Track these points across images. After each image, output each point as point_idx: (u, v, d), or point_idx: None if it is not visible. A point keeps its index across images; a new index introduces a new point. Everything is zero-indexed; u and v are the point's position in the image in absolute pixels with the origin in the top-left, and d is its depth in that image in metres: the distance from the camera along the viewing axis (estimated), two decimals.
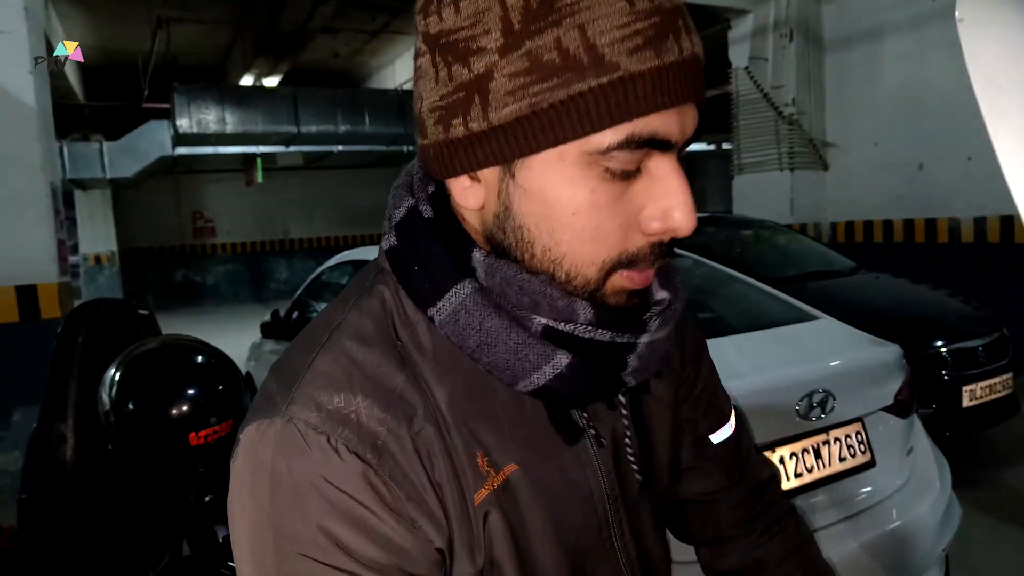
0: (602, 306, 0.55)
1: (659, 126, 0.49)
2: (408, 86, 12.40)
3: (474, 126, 0.51)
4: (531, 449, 0.58)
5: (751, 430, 0.88)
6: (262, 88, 11.28)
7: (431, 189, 0.60)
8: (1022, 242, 5.32)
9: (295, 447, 0.51)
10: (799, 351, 2.23)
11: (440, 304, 0.55)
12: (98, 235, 13.05)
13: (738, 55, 6.97)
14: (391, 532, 0.52)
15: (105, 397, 1.39)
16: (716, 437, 0.80)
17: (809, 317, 2.43)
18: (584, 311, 0.54)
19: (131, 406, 1.35)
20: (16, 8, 4.05)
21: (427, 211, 0.58)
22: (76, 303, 2.34)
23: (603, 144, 0.49)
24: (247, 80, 11.66)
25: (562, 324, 0.54)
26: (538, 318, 0.54)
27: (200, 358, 1.46)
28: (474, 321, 0.54)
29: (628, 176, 0.51)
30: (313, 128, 10.54)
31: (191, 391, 1.38)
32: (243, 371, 1.45)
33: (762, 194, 6.74)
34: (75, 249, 12.88)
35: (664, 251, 0.55)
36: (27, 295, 4.05)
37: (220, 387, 1.42)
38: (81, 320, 1.71)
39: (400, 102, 11.15)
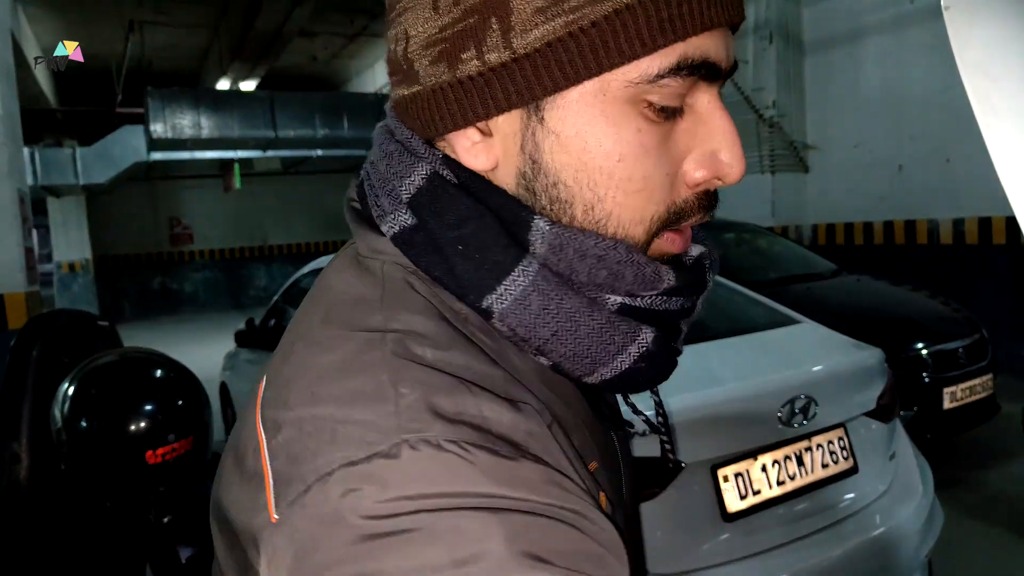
0: (679, 269, 0.47)
1: (711, 48, 0.42)
2: (388, 90, 12.34)
3: (492, 57, 0.41)
4: (597, 443, 0.50)
5: None
6: (238, 92, 11.18)
7: (439, 151, 0.47)
8: (1000, 244, 5.36)
9: (449, 472, 0.36)
10: (781, 356, 2.20)
11: (502, 289, 0.43)
12: (72, 242, 12.86)
13: None
14: (599, 530, 0.38)
15: (57, 413, 1.32)
16: None
17: (790, 321, 2.41)
18: (668, 276, 0.46)
19: (84, 423, 1.29)
20: None
21: (449, 175, 0.46)
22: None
23: (652, 70, 0.40)
24: (224, 84, 11.55)
25: (642, 296, 0.46)
26: (612, 296, 0.45)
27: (159, 372, 1.40)
28: (551, 304, 0.44)
29: (671, 115, 0.43)
30: (291, 132, 10.45)
31: (148, 407, 1.31)
32: (218, 381, 1.38)
33: (743, 197, 6.74)
34: (48, 257, 12.70)
35: (712, 202, 0.47)
36: None
37: (180, 402, 1.36)
38: (36, 333, 1.64)
39: (379, 105, 11.09)
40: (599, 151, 0.42)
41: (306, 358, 0.44)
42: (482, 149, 0.45)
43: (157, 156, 10.71)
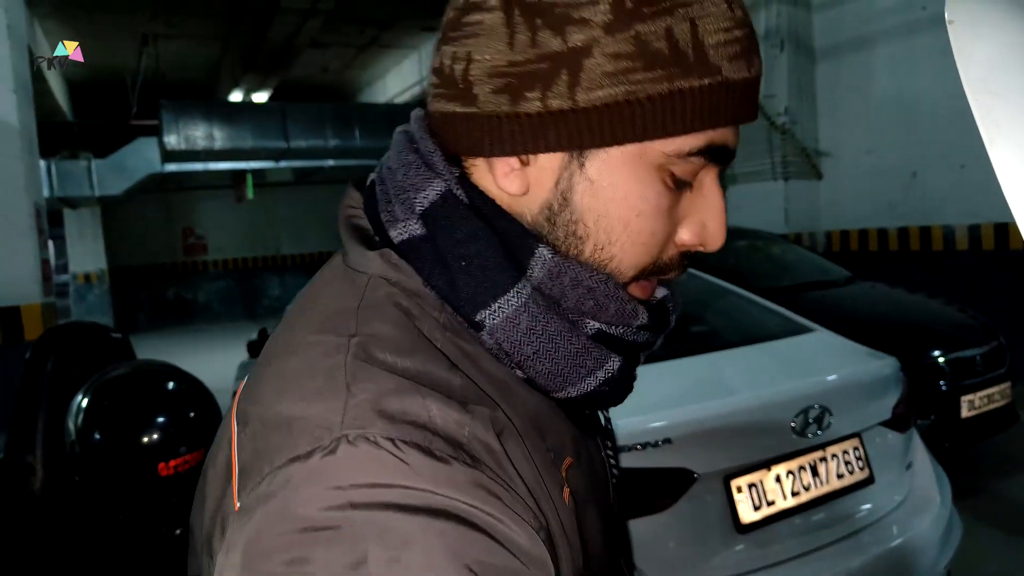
0: (649, 309, 0.53)
1: (730, 138, 0.49)
2: (400, 99, 12.42)
3: (554, 103, 0.45)
4: (572, 443, 0.54)
5: None
6: (250, 103, 11.27)
7: (456, 170, 0.51)
8: (1017, 249, 5.30)
9: (381, 466, 0.39)
10: (794, 366, 2.19)
11: (496, 306, 0.48)
12: (87, 253, 12.97)
13: None
14: (524, 541, 0.41)
15: (71, 426, 1.33)
16: None
17: (804, 330, 2.39)
18: (643, 315, 0.52)
19: (97, 435, 1.29)
20: None
21: (462, 195, 0.50)
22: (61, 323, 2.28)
23: (685, 148, 0.47)
24: (236, 96, 11.65)
25: (615, 328, 0.51)
26: (592, 322, 0.50)
27: (171, 384, 1.40)
28: (537, 326, 0.48)
29: (682, 186, 0.49)
30: (303, 143, 10.51)
31: (160, 419, 1.32)
32: (231, 391, 1.39)
33: (756, 204, 6.71)
34: (64, 268, 12.82)
35: (686, 263, 0.53)
36: (10, 317, 3.99)
37: (192, 414, 1.36)
38: (50, 345, 1.65)
39: (391, 116, 11.14)
40: (624, 204, 0.48)
41: (281, 360, 0.48)
42: (518, 176, 0.49)
43: (171, 168, 10.80)
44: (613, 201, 0.48)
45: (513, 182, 0.49)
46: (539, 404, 0.51)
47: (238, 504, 0.42)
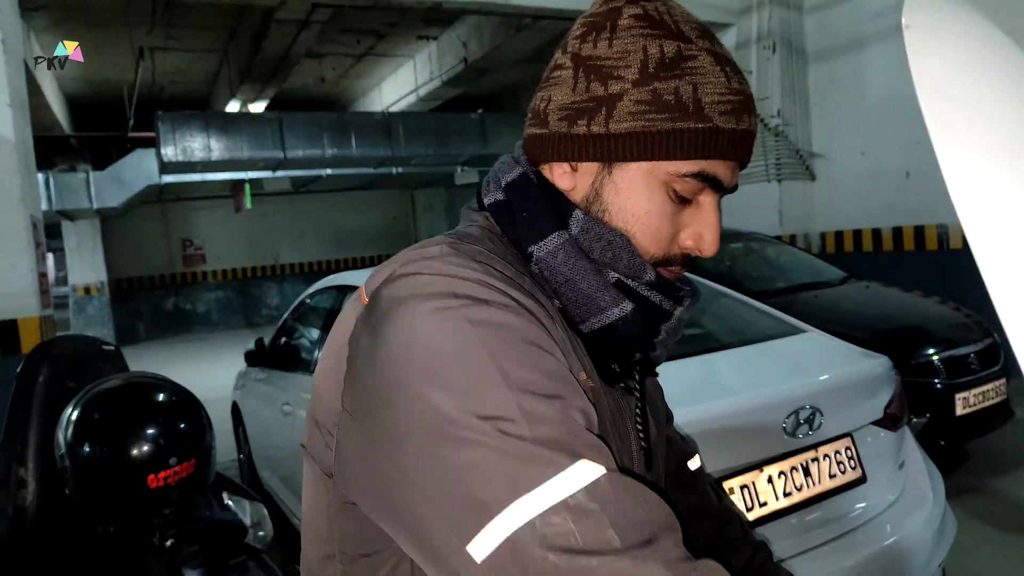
0: (659, 274, 0.69)
1: (721, 171, 0.66)
2: (395, 108, 12.44)
3: (595, 128, 0.66)
4: (591, 392, 0.66)
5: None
6: (247, 114, 11.28)
7: (533, 167, 0.73)
8: None
9: (466, 282, 0.60)
10: (785, 367, 2.19)
11: (543, 242, 0.68)
12: (87, 265, 12.98)
13: None
14: (563, 370, 0.59)
15: (61, 439, 1.34)
16: (692, 464, 0.96)
17: (795, 331, 2.40)
18: (649, 272, 0.68)
19: (87, 448, 1.30)
20: None
21: (533, 177, 0.72)
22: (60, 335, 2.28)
23: (681, 170, 0.65)
24: (234, 107, 11.67)
25: (630, 280, 0.68)
26: (612, 272, 0.68)
27: (161, 396, 1.41)
28: (569, 259, 0.67)
29: (684, 202, 0.67)
30: (299, 152, 10.53)
31: (150, 431, 1.32)
32: (231, 400, 1.39)
33: (751, 206, 6.72)
34: (64, 280, 12.82)
35: (689, 262, 0.71)
36: (7, 330, 3.99)
37: (182, 426, 1.37)
38: (41, 358, 1.65)
39: (387, 124, 11.16)
40: (636, 204, 0.67)
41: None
42: (569, 177, 0.70)
43: (169, 179, 10.82)
44: (629, 199, 0.67)
45: (565, 180, 0.70)
46: (573, 340, 0.67)
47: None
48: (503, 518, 0.49)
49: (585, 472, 0.51)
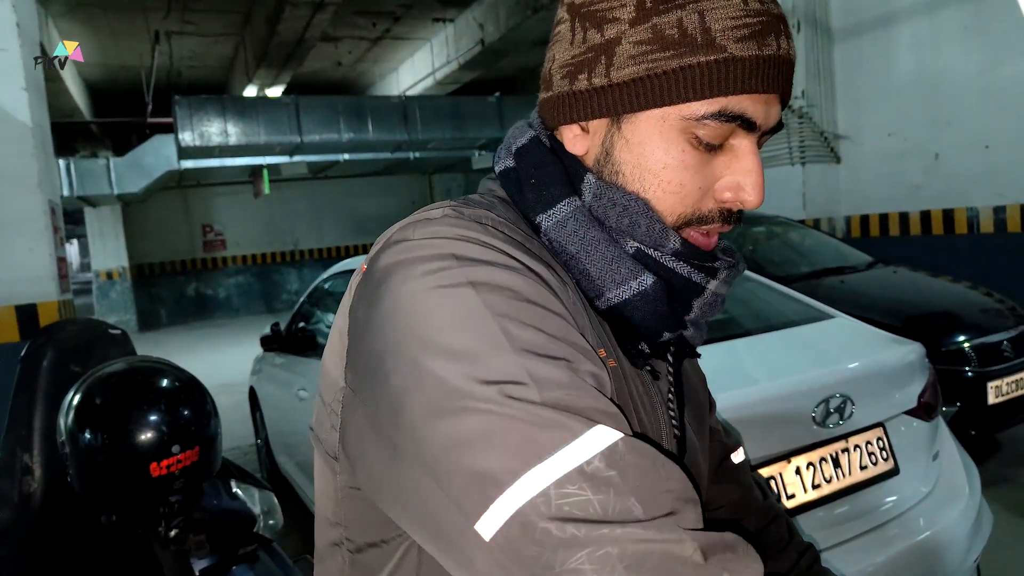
0: (686, 242, 0.61)
1: (749, 107, 0.57)
2: (412, 92, 12.36)
3: (596, 81, 0.59)
4: (622, 357, 0.63)
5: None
6: (264, 98, 11.26)
7: (547, 131, 0.67)
8: None
9: (472, 243, 0.56)
10: (814, 353, 2.11)
11: (551, 212, 0.62)
12: (109, 251, 13.12)
13: None
14: (572, 332, 0.54)
15: (62, 424, 1.30)
16: (736, 457, 0.89)
17: (824, 316, 2.31)
18: (674, 240, 0.61)
19: (88, 434, 1.26)
20: (9, 25, 4.02)
21: (546, 141, 0.66)
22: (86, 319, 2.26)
23: (698, 112, 0.57)
24: (251, 91, 11.65)
25: (651, 250, 0.61)
26: (631, 241, 0.61)
27: (164, 382, 1.36)
28: (580, 229, 0.61)
29: (713, 148, 0.58)
30: (316, 137, 10.49)
31: (153, 417, 1.28)
32: (248, 385, 1.34)
33: (774, 189, 6.52)
34: (88, 266, 12.96)
35: (731, 217, 0.62)
36: (27, 314, 4.00)
37: (185, 412, 1.32)
38: (46, 341, 1.62)
39: (403, 108, 11.08)
40: (652, 157, 0.59)
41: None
42: (580, 139, 0.64)
43: (187, 164, 10.84)
44: (643, 155, 0.59)
45: (577, 144, 0.64)
46: (590, 313, 0.62)
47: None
48: (514, 490, 0.44)
49: (602, 437, 0.46)
